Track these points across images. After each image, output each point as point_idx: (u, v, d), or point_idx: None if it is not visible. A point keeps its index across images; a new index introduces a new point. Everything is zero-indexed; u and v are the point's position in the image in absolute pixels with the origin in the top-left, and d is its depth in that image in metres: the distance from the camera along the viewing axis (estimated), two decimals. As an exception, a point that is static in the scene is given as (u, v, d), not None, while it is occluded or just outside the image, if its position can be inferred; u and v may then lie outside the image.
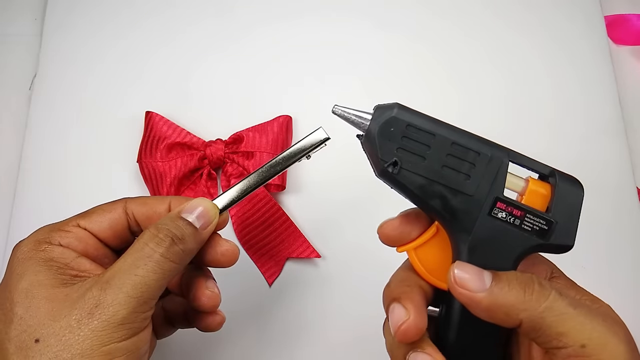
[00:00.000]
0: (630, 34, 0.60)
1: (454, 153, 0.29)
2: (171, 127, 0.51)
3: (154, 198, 0.36)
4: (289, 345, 0.47)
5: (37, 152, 0.53)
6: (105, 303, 0.29)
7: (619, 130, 0.55)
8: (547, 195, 0.30)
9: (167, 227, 0.32)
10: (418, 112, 0.30)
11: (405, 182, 0.30)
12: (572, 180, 0.31)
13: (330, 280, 0.49)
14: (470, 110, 0.55)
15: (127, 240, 0.35)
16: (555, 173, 0.31)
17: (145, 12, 0.58)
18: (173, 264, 0.31)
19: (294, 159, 0.35)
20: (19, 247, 0.32)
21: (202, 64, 0.56)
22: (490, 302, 0.28)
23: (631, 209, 0.52)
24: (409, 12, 0.59)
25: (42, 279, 0.30)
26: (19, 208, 0.51)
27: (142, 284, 0.30)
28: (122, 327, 0.29)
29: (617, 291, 0.49)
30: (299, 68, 0.56)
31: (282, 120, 0.51)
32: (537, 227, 0.30)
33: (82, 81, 0.55)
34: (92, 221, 0.34)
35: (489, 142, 0.30)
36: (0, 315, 0.29)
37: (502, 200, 0.30)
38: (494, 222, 0.30)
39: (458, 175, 0.29)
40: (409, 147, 0.29)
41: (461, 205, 0.30)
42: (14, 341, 0.28)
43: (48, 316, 0.29)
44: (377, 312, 0.48)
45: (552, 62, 0.57)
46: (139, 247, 0.31)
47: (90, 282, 0.30)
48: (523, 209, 0.30)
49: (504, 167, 0.30)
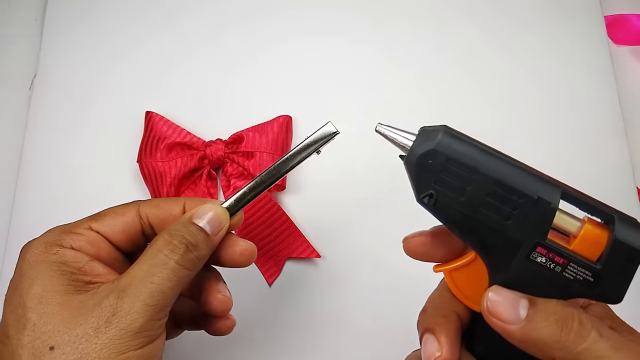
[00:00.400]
0: (631, 34, 0.60)
1: (496, 192, 0.27)
2: (171, 127, 0.51)
3: (167, 200, 0.35)
4: (288, 345, 0.47)
5: (37, 152, 0.53)
6: (123, 311, 0.28)
7: (619, 130, 0.55)
8: (602, 243, 0.27)
9: (181, 234, 0.31)
10: (464, 139, 0.28)
11: (441, 215, 0.28)
12: (634, 226, 0.27)
13: (330, 280, 0.49)
14: (470, 110, 0.55)
15: (139, 244, 0.35)
16: (614, 219, 0.27)
17: (145, 12, 0.58)
18: (187, 270, 0.31)
19: (304, 155, 0.34)
20: (29, 248, 0.31)
21: (202, 64, 0.56)
22: (524, 335, 0.27)
23: (631, 209, 0.52)
24: (408, 13, 0.59)
25: (55, 285, 0.29)
26: (19, 208, 0.51)
27: (158, 291, 0.29)
28: (139, 336, 0.29)
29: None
30: (299, 68, 0.56)
31: (282, 120, 0.51)
32: (580, 277, 0.27)
33: (82, 81, 0.55)
34: (105, 224, 0.33)
35: (539, 179, 0.28)
36: (12, 321, 0.29)
37: (543, 246, 0.27)
38: (532, 265, 0.28)
39: (498, 215, 0.28)
40: (448, 182, 0.28)
41: (498, 245, 0.28)
42: (27, 348, 0.28)
43: (63, 323, 0.28)
44: (377, 312, 0.48)
45: (552, 62, 0.57)
46: (153, 254, 0.31)
47: (106, 289, 0.29)
48: (567, 256, 0.27)
49: (550, 210, 0.27)
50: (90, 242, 0.32)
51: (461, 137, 0.28)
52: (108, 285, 0.30)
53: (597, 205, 0.28)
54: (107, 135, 0.53)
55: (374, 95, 0.55)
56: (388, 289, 0.48)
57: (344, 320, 0.48)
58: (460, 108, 0.55)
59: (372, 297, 0.48)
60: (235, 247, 0.34)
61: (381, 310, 0.48)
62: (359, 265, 0.49)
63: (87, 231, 0.33)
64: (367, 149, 0.52)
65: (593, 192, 0.55)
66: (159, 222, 0.34)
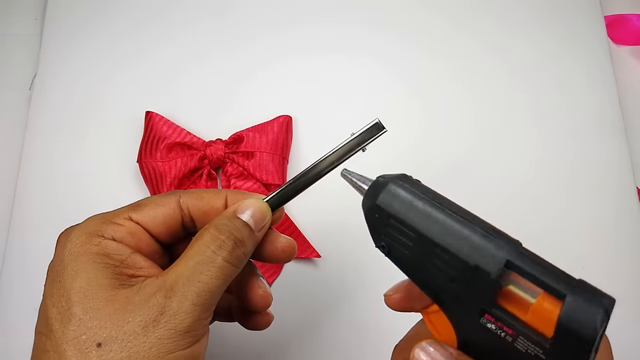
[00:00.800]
0: (630, 34, 0.60)
1: (437, 255, 0.26)
2: (171, 127, 0.51)
3: (209, 191, 0.34)
4: (288, 346, 0.47)
5: (37, 152, 0.53)
6: (171, 311, 0.28)
7: (619, 130, 0.55)
8: (553, 321, 0.23)
9: (229, 229, 0.30)
10: (410, 194, 0.27)
11: (397, 265, 0.28)
12: (591, 306, 0.23)
13: (330, 281, 0.49)
14: (469, 110, 0.55)
15: (178, 236, 0.34)
16: (567, 296, 0.23)
17: (145, 12, 0.58)
18: (235, 268, 0.30)
19: (350, 152, 0.33)
20: (69, 238, 0.30)
21: (203, 64, 0.56)
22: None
23: (631, 209, 0.52)
24: (408, 13, 0.59)
25: (100, 278, 0.29)
26: (19, 208, 0.51)
27: (206, 291, 0.29)
28: (187, 335, 0.28)
29: (617, 291, 0.49)
30: (299, 68, 0.56)
31: (282, 120, 0.51)
32: (531, 352, 0.24)
33: (82, 81, 0.55)
34: (145, 215, 0.32)
35: (485, 243, 0.25)
36: (56, 314, 0.28)
37: (490, 314, 0.25)
38: (484, 330, 0.26)
39: (443, 276, 0.26)
40: (394, 236, 0.27)
41: (450, 302, 0.27)
42: (73, 343, 0.27)
43: (110, 320, 0.27)
44: (376, 312, 0.48)
45: (552, 62, 0.57)
46: (199, 250, 0.30)
47: (152, 286, 0.29)
48: (515, 328, 0.25)
49: (491, 280, 0.25)
50: (131, 233, 0.31)
51: (409, 190, 0.27)
52: (153, 281, 0.29)
53: (547, 280, 0.24)
54: (107, 135, 0.53)
55: (374, 96, 0.55)
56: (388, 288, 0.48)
57: (344, 320, 0.48)
58: (461, 109, 0.55)
59: (373, 296, 0.48)
60: (277, 243, 0.34)
61: (381, 310, 0.48)
62: (359, 265, 0.49)
63: (127, 222, 0.31)
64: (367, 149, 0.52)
65: (593, 192, 0.55)
66: (200, 215, 0.33)
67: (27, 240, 0.50)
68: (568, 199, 0.52)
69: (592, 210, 0.52)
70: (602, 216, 0.52)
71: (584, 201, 0.52)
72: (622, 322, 0.48)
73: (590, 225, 0.51)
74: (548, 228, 0.51)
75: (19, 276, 0.49)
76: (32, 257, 0.49)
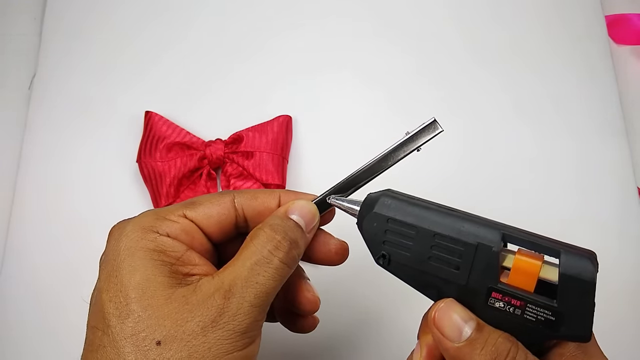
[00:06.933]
0: (631, 34, 0.60)
1: (439, 244, 0.28)
2: (171, 127, 0.51)
3: (263, 192, 0.34)
4: (288, 346, 0.47)
5: (37, 151, 0.53)
6: (230, 312, 0.28)
7: (619, 130, 0.55)
8: (535, 273, 0.27)
9: (283, 229, 0.30)
10: (402, 199, 0.30)
11: (398, 274, 0.30)
12: (582, 258, 0.27)
13: (330, 281, 0.49)
14: (470, 110, 0.55)
15: (230, 236, 0.33)
16: (561, 252, 0.27)
17: (145, 12, 0.58)
18: (289, 269, 0.30)
19: (405, 153, 0.32)
20: (123, 232, 0.30)
21: (202, 63, 0.56)
22: (457, 356, 0.27)
23: (631, 209, 0.52)
24: (408, 14, 0.59)
25: (157, 275, 0.28)
26: (18, 208, 0.51)
27: (263, 292, 0.29)
28: (245, 336, 0.28)
29: (617, 291, 0.49)
30: (299, 68, 0.56)
31: (282, 120, 0.51)
32: (542, 317, 0.27)
33: (82, 81, 0.55)
34: (200, 213, 0.32)
35: (478, 225, 0.28)
36: (113, 309, 0.28)
37: (497, 290, 0.28)
38: (494, 312, 0.28)
39: (446, 266, 0.28)
40: (394, 241, 0.29)
41: (456, 295, 0.29)
42: (131, 340, 0.27)
43: (169, 318, 0.27)
44: (376, 312, 0.48)
45: (552, 61, 0.57)
46: (256, 250, 0.30)
47: (209, 286, 0.29)
48: (523, 298, 0.27)
49: (494, 254, 0.28)
50: (185, 231, 0.31)
51: (400, 198, 0.30)
52: (209, 281, 0.29)
53: (543, 243, 0.28)
54: (106, 135, 0.53)
55: (375, 95, 0.55)
56: (389, 288, 0.48)
57: (344, 320, 0.48)
58: (460, 109, 0.55)
59: (373, 296, 0.48)
60: (329, 245, 0.34)
61: (381, 310, 0.48)
62: (359, 265, 0.49)
63: (181, 219, 0.31)
64: (367, 148, 0.52)
65: (593, 191, 0.55)
66: (254, 215, 0.33)
67: (26, 240, 0.50)
68: (568, 199, 0.52)
69: (592, 210, 0.52)
70: (603, 216, 0.52)
71: (584, 201, 0.52)
72: (622, 322, 0.48)
73: (591, 225, 0.51)
74: (548, 228, 0.51)
75: (19, 275, 0.49)
76: (32, 256, 0.49)
